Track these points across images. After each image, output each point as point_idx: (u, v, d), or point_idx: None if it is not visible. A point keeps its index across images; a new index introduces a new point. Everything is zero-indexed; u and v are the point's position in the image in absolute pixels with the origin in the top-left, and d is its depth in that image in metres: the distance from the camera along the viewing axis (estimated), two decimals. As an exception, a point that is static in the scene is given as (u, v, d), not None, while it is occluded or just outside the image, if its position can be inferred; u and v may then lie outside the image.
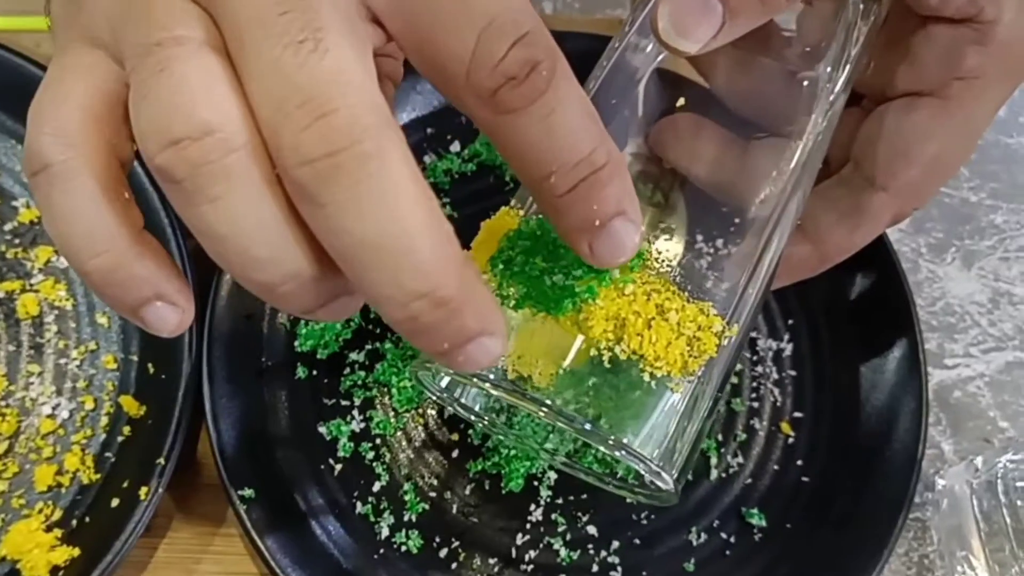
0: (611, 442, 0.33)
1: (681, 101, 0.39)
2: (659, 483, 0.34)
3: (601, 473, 0.43)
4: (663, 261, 0.35)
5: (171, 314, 0.27)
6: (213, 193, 0.24)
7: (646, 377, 0.33)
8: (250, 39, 0.24)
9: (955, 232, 0.57)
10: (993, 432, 0.53)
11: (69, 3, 0.28)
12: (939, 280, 0.56)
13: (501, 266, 0.34)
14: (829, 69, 0.38)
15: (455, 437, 0.49)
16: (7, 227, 0.50)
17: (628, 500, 0.45)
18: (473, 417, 0.42)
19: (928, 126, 0.40)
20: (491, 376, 0.33)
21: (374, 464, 0.48)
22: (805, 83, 0.38)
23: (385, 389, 0.49)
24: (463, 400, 0.41)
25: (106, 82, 0.27)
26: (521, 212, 0.35)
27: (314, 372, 0.49)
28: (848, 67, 0.39)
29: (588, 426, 0.33)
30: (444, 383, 0.38)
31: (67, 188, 0.26)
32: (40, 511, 0.46)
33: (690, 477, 0.48)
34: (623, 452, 0.33)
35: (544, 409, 0.34)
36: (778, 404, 0.51)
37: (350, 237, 0.24)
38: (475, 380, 0.34)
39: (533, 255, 0.33)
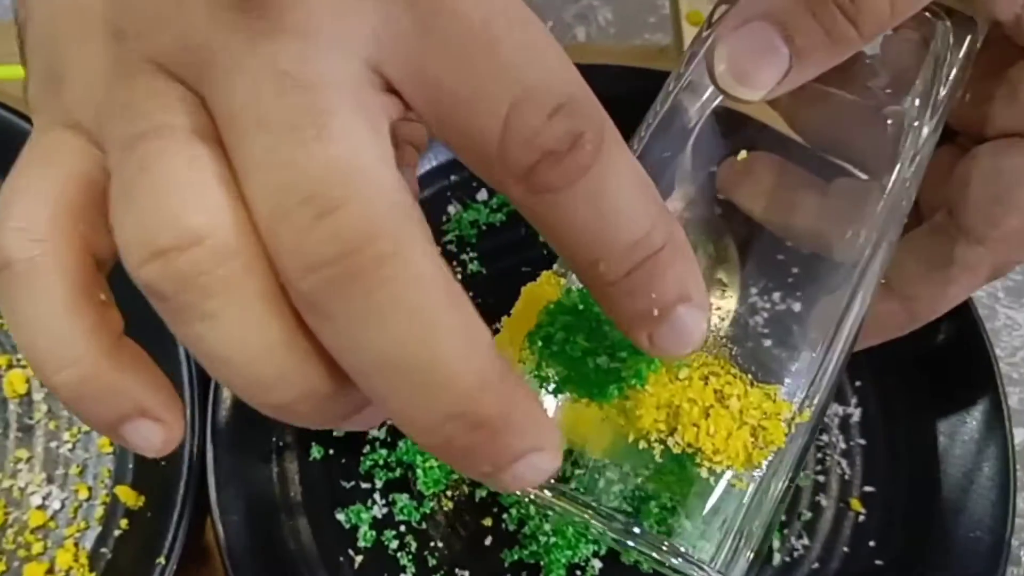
0: (664, 548, 0.30)
1: (743, 149, 0.35)
2: None
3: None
4: (722, 336, 0.32)
5: (155, 432, 0.24)
6: (208, 310, 0.21)
7: (703, 473, 0.30)
8: (244, 126, 0.21)
9: (1034, 272, 0.52)
10: (1086, 499, 0.48)
11: (48, 82, 0.24)
12: (1019, 327, 0.52)
13: (540, 343, 0.30)
14: (918, 103, 0.35)
15: (488, 523, 0.44)
16: (-8, 296, 0.46)
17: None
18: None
19: None
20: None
21: (399, 555, 0.44)
22: (889, 120, 0.34)
23: (410, 470, 0.45)
24: None
25: (85, 169, 0.23)
26: (563, 280, 0.32)
27: (330, 451, 0.45)
28: (938, 101, 0.35)
29: (637, 530, 0.30)
30: None
31: (32, 291, 0.23)
32: (29, 615, 0.42)
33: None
34: (679, 560, 0.30)
35: (589, 513, 0.30)
36: (846, 477, 0.46)
37: (367, 354, 0.20)
38: None
39: (575, 332, 0.30)
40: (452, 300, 0.20)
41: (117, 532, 0.43)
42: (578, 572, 0.44)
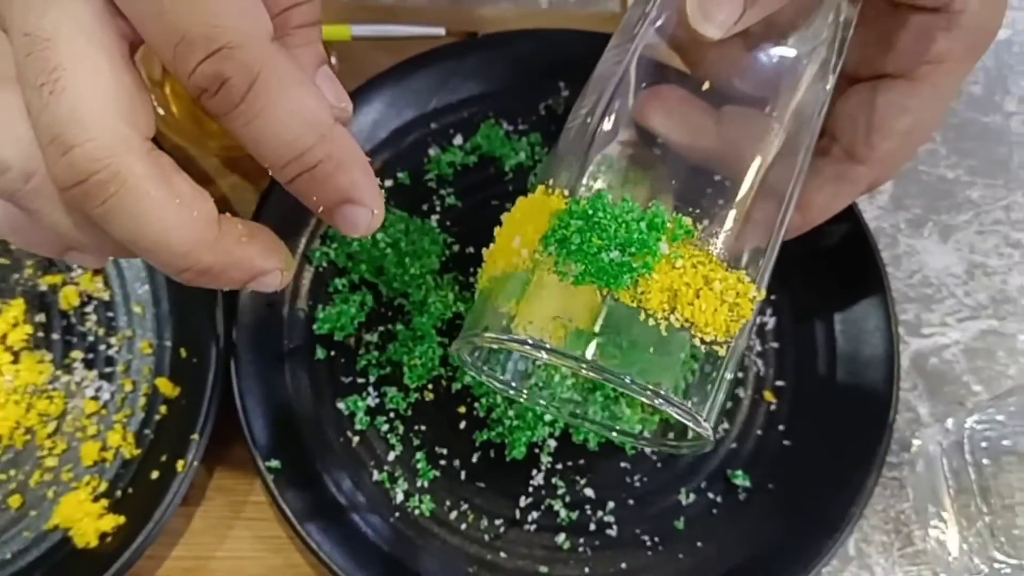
0: (662, 395, 0.37)
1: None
2: (701, 431, 0.38)
3: (631, 431, 0.46)
4: (703, 233, 0.38)
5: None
6: (31, 208, 0.30)
7: (697, 343, 0.37)
8: (18, 76, 0.29)
9: (933, 207, 0.60)
10: (967, 396, 0.57)
11: None
12: (917, 254, 0.59)
13: (555, 244, 0.37)
14: (820, 49, 0.41)
15: (462, 410, 0.53)
16: (48, 225, 0.55)
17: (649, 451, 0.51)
18: (503, 386, 0.45)
19: (901, 104, 0.44)
20: (544, 343, 0.37)
21: (388, 436, 0.52)
22: (793, 58, 0.40)
23: (398, 367, 0.53)
24: (500, 375, 0.45)
25: None
26: (560, 192, 0.38)
27: (332, 353, 0.54)
28: (841, 47, 0.41)
29: (628, 379, 0.36)
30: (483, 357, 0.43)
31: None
32: (87, 483, 0.51)
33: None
34: (678, 410, 0.37)
35: (613, 376, 0.37)
36: (761, 374, 0.55)
37: (116, 238, 0.29)
38: (528, 347, 0.37)
39: (587, 234, 0.37)
40: (164, 197, 0.28)
41: (157, 417, 0.52)
42: (536, 449, 0.52)
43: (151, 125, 0.29)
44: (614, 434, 0.47)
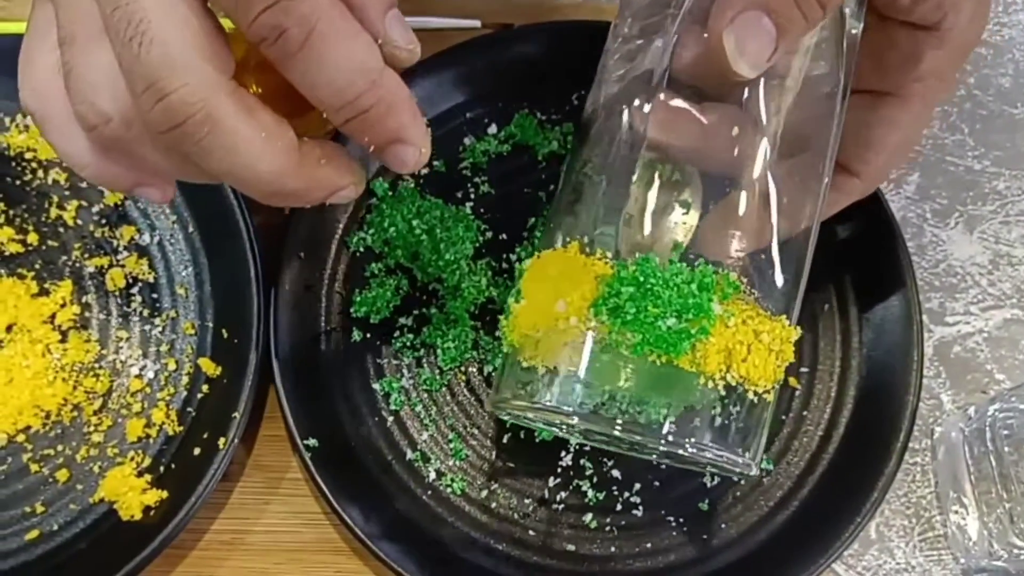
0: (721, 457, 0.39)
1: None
2: (752, 471, 0.41)
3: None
4: (746, 283, 0.39)
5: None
6: (134, 152, 0.34)
7: (751, 396, 0.39)
8: (110, 32, 0.31)
9: (959, 198, 0.61)
10: (990, 384, 0.58)
11: None
12: (942, 244, 0.60)
13: (607, 313, 0.38)
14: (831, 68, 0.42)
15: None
16: (95, 209, 0.57)
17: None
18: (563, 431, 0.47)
19: (894, 120, 0.45)
20: (618, 423, 0.38)
21: (422, 416, 0.54)
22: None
23: (431, 349, 0.55)
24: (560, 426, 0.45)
25: None
26: (602, 254, 0.40)
27: (368, 335, 0.55)
28: (849, 66, 0.42)
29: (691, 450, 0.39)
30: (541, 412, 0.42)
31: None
32: (132, 459, 0.53)
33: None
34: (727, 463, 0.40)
35: (661, 444, 0.38)
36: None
37: (213, 174, 0.33)
38: (616, 428, 0.38)
39: (641, 302, 0.37)
40: (251, 131, 0.31)
41: (200, 395, 0.53)
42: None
43: (231, 64, 0.32)
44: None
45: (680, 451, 0.39)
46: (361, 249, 0.56)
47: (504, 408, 0.42)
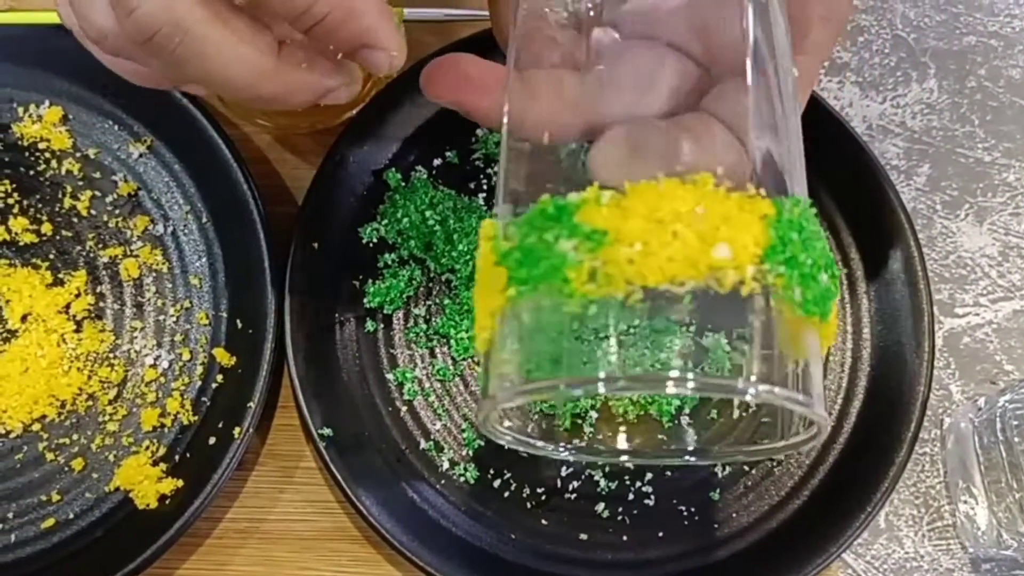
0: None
1: None
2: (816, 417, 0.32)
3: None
4: None
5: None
6: (138, 60, 0.35)
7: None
8: None
9: (969, 189, 0.61)
10: (999, 375, 0.58)
11: None
12: (952, 235, 0.60)
13: (784, 263, 0.30)
14: None
15: (506, 382, 0.55)
16: (108, 199, 0.57)
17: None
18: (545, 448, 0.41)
19: None
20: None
21: (435, 406, 0.54)
22: None
23: (445, 339, 0.55)
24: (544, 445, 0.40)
25: None
26: (757, 189, 0.30)
27: (382, 325, 0.55)
28: None
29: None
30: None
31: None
32: (147, 448, 0.53)
33: (715, 415, 0.54)
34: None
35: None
36: (797, 351, 0.56)
37: (193, 79, 0.34)
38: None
39: (810, 252, 0.30)
40: (221, 37, 0.31)
41: (214, 385, 0.54)
42: (578, 419, 0.54)
43: None
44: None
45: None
46: (375, 240, 0.56)
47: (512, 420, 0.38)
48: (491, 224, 0.32)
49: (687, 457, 0.45)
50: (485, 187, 0.58)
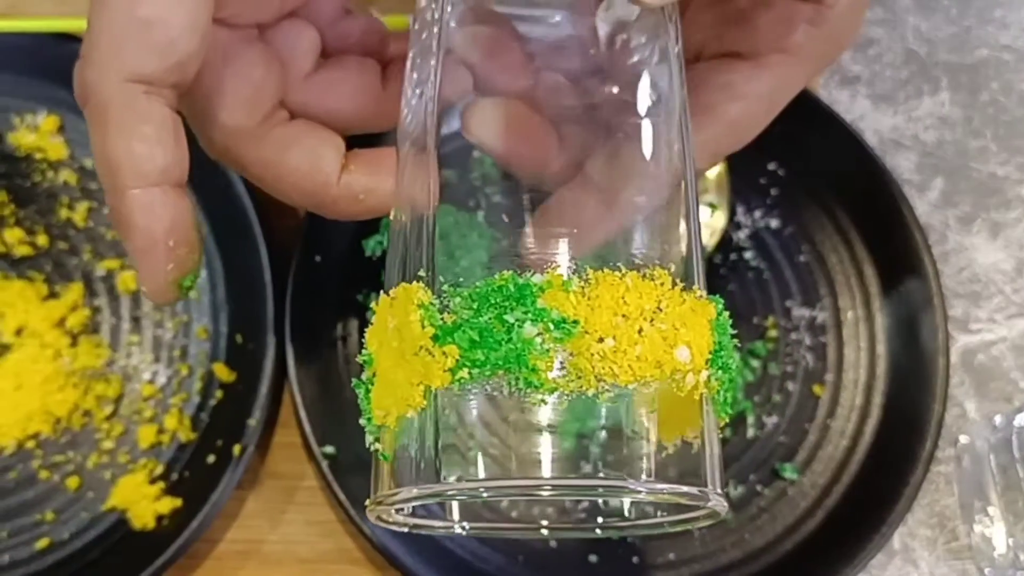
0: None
1: None
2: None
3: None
4: None
5: None
6: None
7: None
8: None
9: (982, 205, 0.60)
10: (1014, 393, 0.57)
11: None
12: (966, 250, 0.59)
13: (720, 367, 0.30)
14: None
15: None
16: (106, 211, 0.55)
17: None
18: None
19: (738, 88, 0.38)
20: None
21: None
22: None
23: (450, 355, 0.54)
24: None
25: None
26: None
27: (385, 341, 0.54)
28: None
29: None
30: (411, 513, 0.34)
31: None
32: (144, 466, 0.52)
33: (728, 434, 0.53)
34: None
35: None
36: (810, 368, 0.55)
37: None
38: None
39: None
40: (122, 133, 0.30)
41: (213, 401, 0.52)
42: (584, 440, 0.53)
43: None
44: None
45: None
46: (378, 253, 0.55)
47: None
48: (418, 289, 0.30)
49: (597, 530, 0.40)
50: (484, 205, 0.57)
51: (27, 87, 0.56)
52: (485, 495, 0.30)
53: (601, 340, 0.28)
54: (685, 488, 0.29)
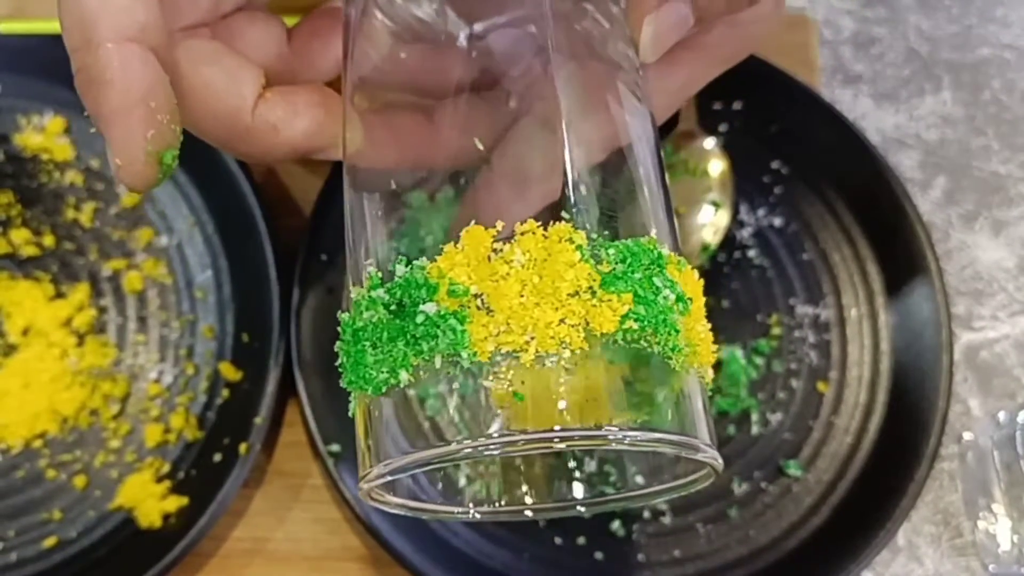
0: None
1: None
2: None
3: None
4: None
5: None
6: None
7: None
8: None
9: (985, 202, 0.61)
10: (1017, 390, 0.57)
11: None
12: (968, 248, 0.60)
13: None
14: None
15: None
16: (111, 211, 0.56)
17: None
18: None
19: (650, 83, 0.37)
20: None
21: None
22: None
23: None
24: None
25: None
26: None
27: (391, 339, 0.54)
28: None
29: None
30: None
31: None
32: (151, 465, 0.52)
33: (733, 432, 0.53)
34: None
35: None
36: (815, 365, 0.55)
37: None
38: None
39: None
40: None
41: (219, 400, 0.52)
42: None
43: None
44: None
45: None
46: (384, 253, 0.55)
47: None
48: (570, 231, 0.29)
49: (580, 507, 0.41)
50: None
51: (33, 88, 0.56)
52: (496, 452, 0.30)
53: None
54: (669, 436, 0.29)
